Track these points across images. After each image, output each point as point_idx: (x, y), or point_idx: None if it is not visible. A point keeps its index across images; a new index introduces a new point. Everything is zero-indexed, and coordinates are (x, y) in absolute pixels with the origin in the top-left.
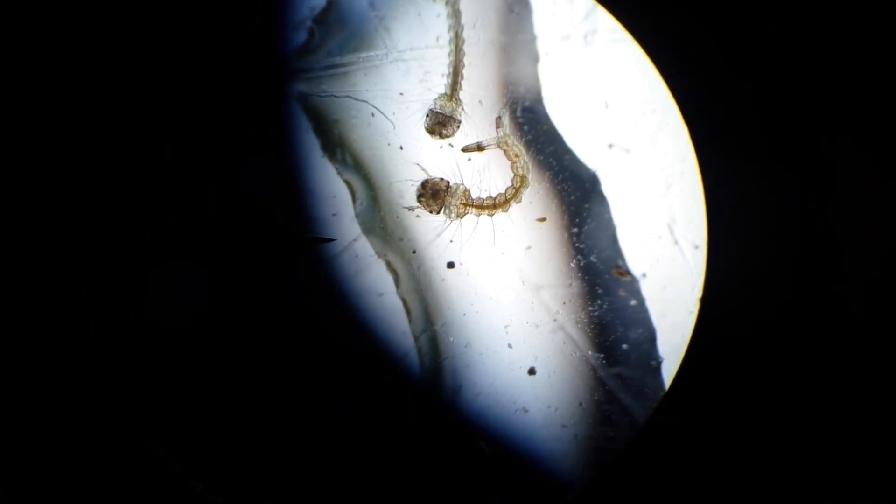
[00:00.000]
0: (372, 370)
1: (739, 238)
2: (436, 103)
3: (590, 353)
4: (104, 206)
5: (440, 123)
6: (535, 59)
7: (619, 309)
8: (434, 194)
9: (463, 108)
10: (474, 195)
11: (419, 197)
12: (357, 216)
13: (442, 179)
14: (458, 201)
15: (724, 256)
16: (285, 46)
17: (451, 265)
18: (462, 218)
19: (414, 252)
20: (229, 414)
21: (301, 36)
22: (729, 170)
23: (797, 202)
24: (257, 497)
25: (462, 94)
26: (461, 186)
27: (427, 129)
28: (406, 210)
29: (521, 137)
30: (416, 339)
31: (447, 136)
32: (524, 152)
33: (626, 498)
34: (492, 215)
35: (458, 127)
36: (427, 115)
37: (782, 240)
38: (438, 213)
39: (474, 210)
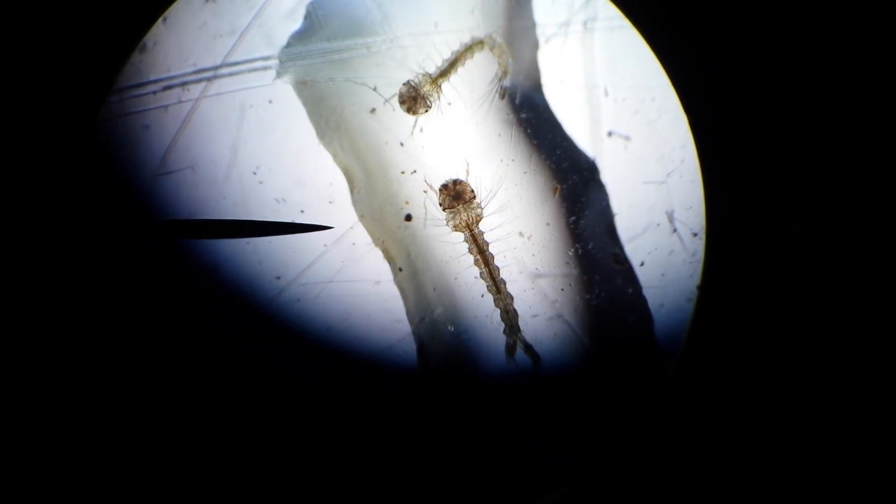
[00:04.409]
0: (368, 357)
1: (738, 226)
2: (417, 77)
3: (587, 341)
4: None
5: (412, 98)
6: (535, 46)
7: (617, 297)
8: (456, 195)
9: (439, 97)
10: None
11: (442, 187)
12: (354, 203)
13: (472, 190)
14: (466, 217)
15: (723, 244)
16: None
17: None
18: (459, 231)
19: (404, 220)
20: (224, 407)
21: (299, 22)
22: (728, 157)
23: (797, 190)
24: (255, 492)
25: (446, 86)
26: (476, 204)
27: (398, 99)
28: (405, 200)
29: (519, 125)
30: (414, 326)
31: (414, 113)
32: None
33: (624, 489)
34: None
35: (427, 111)
36: (403, 84)
37: (781, 228)
38: (445, 210)
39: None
